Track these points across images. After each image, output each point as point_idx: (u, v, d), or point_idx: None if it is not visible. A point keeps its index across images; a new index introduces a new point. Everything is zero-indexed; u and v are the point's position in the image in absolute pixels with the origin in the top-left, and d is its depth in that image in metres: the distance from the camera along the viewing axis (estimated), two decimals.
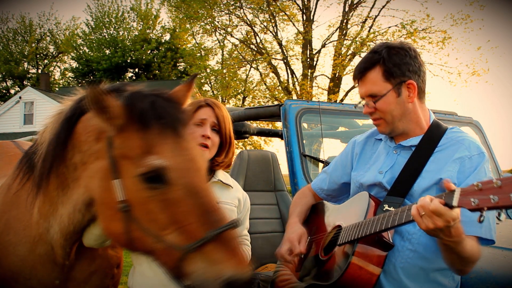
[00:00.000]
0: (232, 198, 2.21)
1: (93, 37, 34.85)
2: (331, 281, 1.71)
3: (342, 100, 19.66)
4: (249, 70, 22.42)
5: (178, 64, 33.93)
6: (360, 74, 1.92)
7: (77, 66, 35.92)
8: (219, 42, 23.15)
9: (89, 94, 1.49)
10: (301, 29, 19.70)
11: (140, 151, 1.49)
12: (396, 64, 1.84)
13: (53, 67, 39.68)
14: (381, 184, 1.90)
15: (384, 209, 1.77)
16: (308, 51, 19.72)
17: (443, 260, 1.72)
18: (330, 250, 1.90)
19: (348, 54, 18.88)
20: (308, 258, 2.03)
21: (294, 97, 19.49)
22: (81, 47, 35.40)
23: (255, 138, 20.83)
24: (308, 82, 19.21)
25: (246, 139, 7.65)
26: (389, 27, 18.65)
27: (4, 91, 37.11)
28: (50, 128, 1.76)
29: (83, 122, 1.68)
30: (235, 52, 22.11)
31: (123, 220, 1.51)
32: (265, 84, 21.60)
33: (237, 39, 21.72)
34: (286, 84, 20.43)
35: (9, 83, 37.63)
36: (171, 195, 1.46)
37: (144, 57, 33.91)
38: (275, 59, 20.52)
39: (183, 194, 1.46)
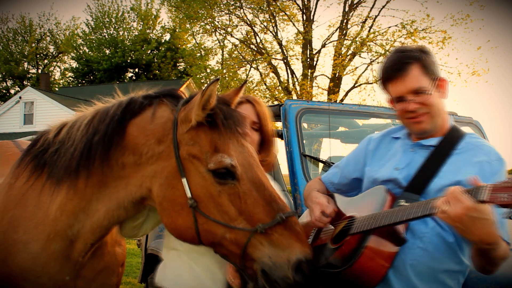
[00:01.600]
0: None
1: (93, 37, 34.85)
2: (341, 269, 1.71)
3: (342, 100, 19.65)
4: (249, 70, 22.41)
5: (178, 64, 33.93)
6: (401, 70, 1.87)
7: (77, 66, 35.93)
8: (219, 42, 23.15)
9: (209, 91, 1.63)
10: (301, 29, 19.68)
11: (209, 149, 1.64)
12: (430, 62, 1.89)
13: (53, 67, 39.71)
14: (396, 181, 1.91)
15: (400, 203, 1.78)
16: (308, 51, 19.71)
17: (450, 262, 1.74)
18: (340, 239, 1.89)
19: (348, 54, 18.86)
20: (316, 246, 2.01)
21: (294, 97, 19.47)
22: (81, 47, 35.41)
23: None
24: (308, 82, 19.19)
25: None
26: (389, 27, 18.62)
27: (4, 91, 37.11)
28: (84, 129, 1.78)
29: (136, 125, 1.75)
30: (235, 52, 22.08)
31: (192, 215, 1.62)
32: (265, 84, 21.58)
33: (237, 39, 21.72)
34: (286, 84, 20.41)
35: (9, 83, 37.66)
36: (239, 188, 1.61)
37: (144, 57, 33.91)
38: (275, 59, 20.50)
39: (249, 187, 1.62)
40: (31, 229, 1.84)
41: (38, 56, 38.46)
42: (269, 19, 20.30)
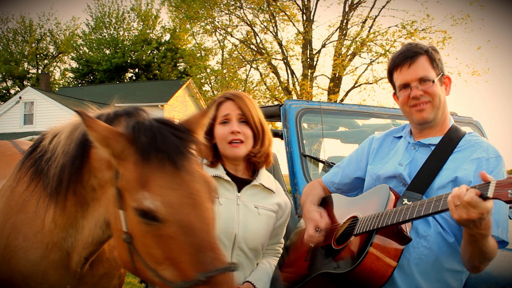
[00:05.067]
0: (272, 203, 2.13)
1: (93, 37, 34.86)
2: (347, 270, 1.69)
3: (342, 100, 19.65)
4: (249, 70, 22.42)
5: (178, 64, 33.93)
6: (411, 58, 1.95)
7: (77, 66, 35.94)
8: (219, 42, 23.15)
9: (92, 131, 1.47)
10: (301, 29, 19.68)
11: (136, 185, 1.46)
12: (437, 58, 1.97)
13: (53, 67, 39.72)
14: (401, 176, 1.94)
15: (404, 203, 1.79)
16: (308, 51, 19.70)
17: (461, 256, 1.76)
18: (344, 240, 1.88)
19: (348, 54, 18.86)
20: (319, 248, 2.00)
21: (294, 97, 19.47)
22: (81, 47, 35.42)
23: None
24: (308, 82, 19.19)
25: None
26: (389, 27, 18.63)
27: (4, 91, 37.12)
28: (63, 144, 1.73)
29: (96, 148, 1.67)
30: (235, 52, 22.09)
31: (128, 250, 1.51)
32: (265, 84, 21.58)
33: (237, 39, 21.72)
34: (286, 84, 20.41)
35: (9, 83, 37.66)
36: (164, 231, 1.42)
37: (144, 58, 33.91)
38: (275, 59, 20.50)
39: (176, 231, 1.41)
40: (30, 237, 1.84)
41: (38, 56, 38.47)
42: (269, 19, 20.30)
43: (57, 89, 34.68)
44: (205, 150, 2.07)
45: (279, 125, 13.51)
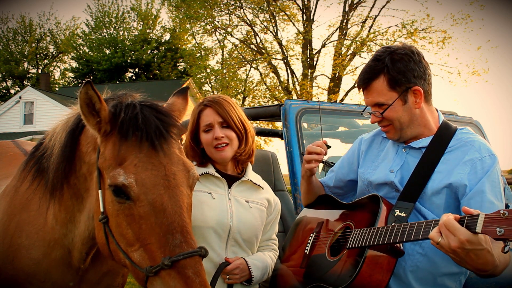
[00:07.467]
0: (261, 198, 2.19)
1: (93, 37, 34.85)
2: (341, 287, 1.70)
3: (342, 100, 19.65)
4: (249, 70, 22.44)
5: (178, 64, 33.91)
6: (364, 84, 1.90)
7: (77, 66, 35.93)
8: (219, 42, 23.15)
9: (81, 95, 1.49)
10: (301, 29, 19.70)
11: (113, 162, 1.47)
12: (400, 72, 1.81)
13: (53, 67, 39.69)
14: (393, 184, 1.89)
15: (396, 214, 1.76)
16: (308, 51, 19.71)
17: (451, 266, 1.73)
18: (337, 250, 1.89)
19: (348, 54, 18.87)
20: (314, 256, 2.02)
21: (294, 97, 19.48)
22: (81, 47, 35.41)
23: (255, 138, 20.71)
24: (308, 82, 19.20)
25: None
26: (389, 27, 18.66)
27: (4, 91, 37.10)
28: (58, 137, 1.76)
29: (85, 133, 1.68)
30: (235, 52, 22.09)
31: (104, 231, 1.52)
32: (265, 84, 21.59)
33: (237, 39, 21.73)
34: (286, 84, 20.42)
35: (9, 83, 37.65)
36: (135, 210, 1.42)
37: (144, 57, 33.90)
38: (275, 59, 20.52)
39: (147, 211, 1.40)
40: (33, 235, 1.85)
41: (38, 56, 38.45)
42: (269, 19, 20.31)
43: (57, 89, 34.67)
44: (193, 155, 2.15)
45: (279, 125, 13.52)
